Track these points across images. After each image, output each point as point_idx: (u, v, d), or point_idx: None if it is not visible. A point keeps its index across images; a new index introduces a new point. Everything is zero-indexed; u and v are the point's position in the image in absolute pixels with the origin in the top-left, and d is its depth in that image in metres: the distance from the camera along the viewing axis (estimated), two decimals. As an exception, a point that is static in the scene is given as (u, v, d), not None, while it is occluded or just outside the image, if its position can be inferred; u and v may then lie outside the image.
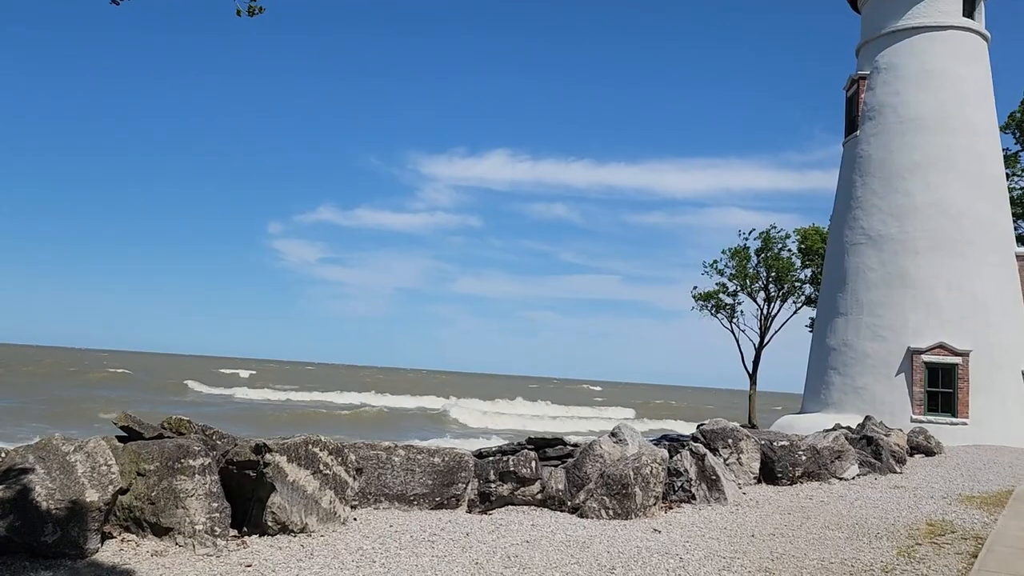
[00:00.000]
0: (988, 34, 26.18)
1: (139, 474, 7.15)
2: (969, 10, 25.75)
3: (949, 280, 24.06)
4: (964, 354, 23.44)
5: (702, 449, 11.53)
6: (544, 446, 10.74)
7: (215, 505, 7.21)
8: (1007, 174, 29.69)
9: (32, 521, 6.20)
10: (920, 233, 24.48)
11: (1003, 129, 34.84)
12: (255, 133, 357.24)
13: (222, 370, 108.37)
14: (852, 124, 27.07)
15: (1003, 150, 28.43)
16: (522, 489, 9.98)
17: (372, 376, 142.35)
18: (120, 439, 7.71)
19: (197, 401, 55.69)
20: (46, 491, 6.36)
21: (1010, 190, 29.76)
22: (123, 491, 6.92)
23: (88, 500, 6.44)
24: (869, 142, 26.02)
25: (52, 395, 49.03)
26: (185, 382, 69.24)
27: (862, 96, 26.50)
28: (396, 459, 9.48)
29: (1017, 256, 25.55)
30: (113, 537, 6.95)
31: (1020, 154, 37.20)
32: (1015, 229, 27.53)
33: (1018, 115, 36.51)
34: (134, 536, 7.03)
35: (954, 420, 23.30)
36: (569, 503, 9.97)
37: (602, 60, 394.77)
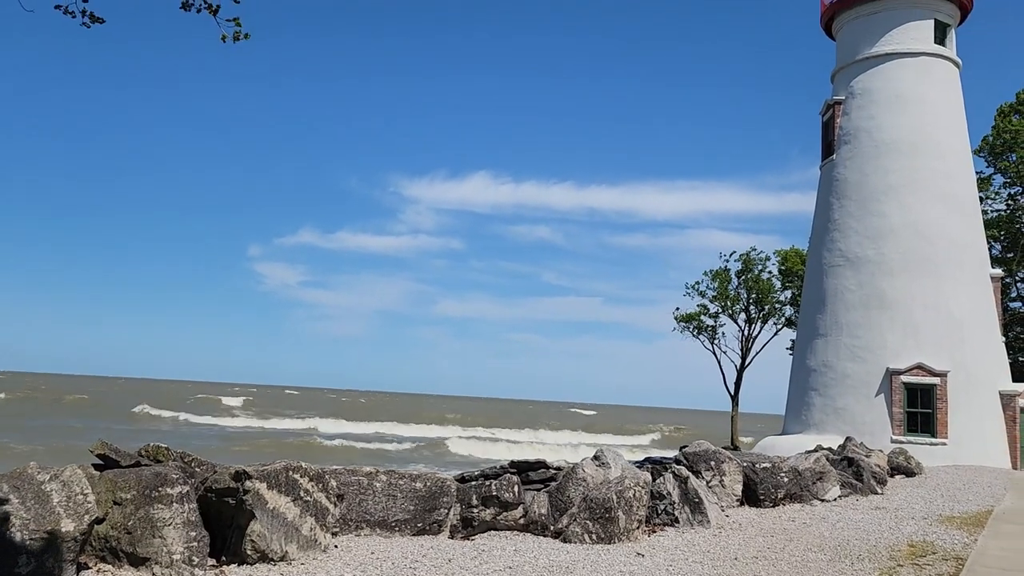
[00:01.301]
0: (959, 61, 26.74)
1: (116, 503, 7.04)
2: (940, 37, 26.32)
3: (925, 301, 24.36)
4: (942, 375, 23.68)
5: (685, 472, 11.53)
6: (527, 469, 10.69)
7: (193, 534, 7.11)
8: (980, 197, 30.21)
9: (6, 552, 6.08)
10: (896, 254, 24.81)
11: (976, 153, 35.52)
12: (235, 155, 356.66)
13: (202, 395, 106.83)
14: (828, 148, 27.48)
15: (976, 173, 28.95)
16: (505, 514, 9.92)
17: (355, 400, 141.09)
18: (96, 467, 7.59)
19: (182, 432, 54.89)
20: (20, 521, 6.24)
21: (983, 212, 30.26)
22: (99, 520, 6.80)
23: (63, 530, 6.33)
24: (845, 165, 26.40)
25: (27, 424, 48.24)
26: (159, 411, 67.99)
27: (838, 120, 26.94)
28: (377, 485, 9.40)
29: (991, 277, 25.93)
30: (89, 567, 6.83)
31: (993, 177, 37.90)
32: (989, 251, 27.95)
33: (990, 139, 37.23)
34: (110, 566, 6.90)
35: (933, 440, 23.49)
36: (552, 527, 9.92)
37: (583, 84, 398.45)
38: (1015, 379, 26.32)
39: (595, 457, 11.03)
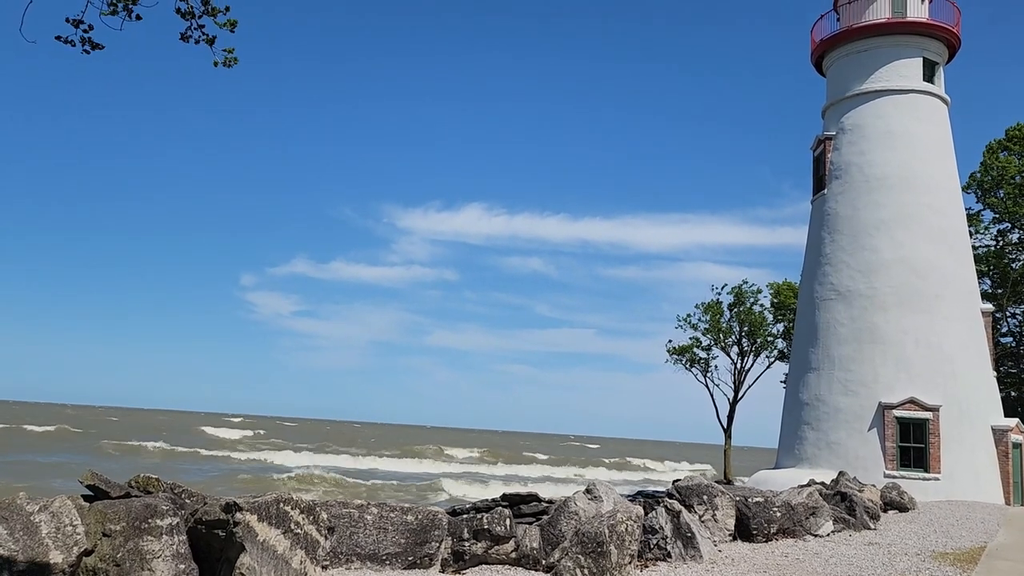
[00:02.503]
0: (948, 98, 27.17)
1: (105, 535, 6.98)
2: (929, 75, 26.77)
3: (917, 335, 24.46)
4: (934, 409, 23.71)
5: (677, 506, 11.49)
6: (519, 503, 10.64)
7: (182, 567, 7.05)
8: (969, 232, 30.53)
9: (-8, 584, 6.03)
10: (888, 289, 24.96)
11: (965, 189, 35.91)
12: (229, 184, 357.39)
13: (203, 427, 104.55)
14: (820, 182, 27.78)
15: (966, 209, 29.26)
16: (496, 547, 9.86)
17: (351, 432, 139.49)
18: (86, 498, 7.53)
19: (176, 467, 54.21)
20: (8, 553, 6.19)
21: (973, 248, 30.53)
22: (88, 552, 6.75)
23: (52, 562, 6.28)
24: (836, 200, 26.66)
25: (14, 458, 47.73)
26: (155, 443, 66.94)
27: (829, 155, 27.26)
28: (368, 517, 9.34)
29: (982, 312, 26.09)
30: (75, 600, 6.76)
31: (982, 213, 38.29)
32: (979, 286, 28.17)
33: (979, 175, 37.67)
34: (97, 599, 6.83)
35: (926, 475, 23.45)
36: (544, 562, 9.85)
37: (577, 117, 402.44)
38: (1007, 414, 26.36)
39: (587, 490, 10.99)
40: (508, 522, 9.98)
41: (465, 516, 10.06)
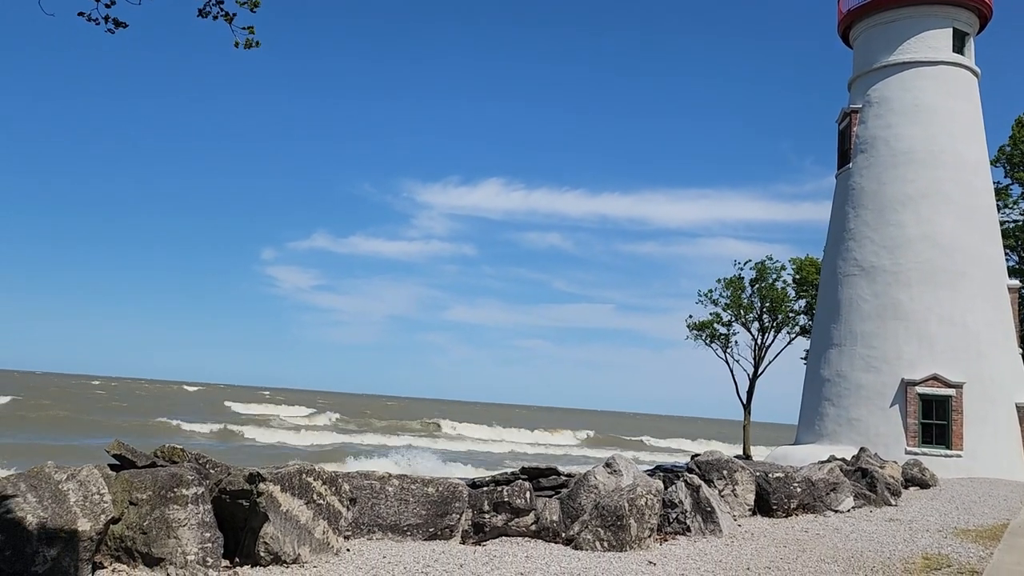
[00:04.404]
0: (978, 70, 26.58)
1: (131, 503, 7.09)
2: (959, 46, 26.19)
3: (941, 312, 24.18)
4: (958, 386, 23.49)
5: (697, 480, 11.49)
6: (538, 476, 10.70)
7: (207, 535, 7.16)
8: (997, 207, 29.97)
9: (22, 551, 6.15)
10: (913, 265, 24.65)
11: (993, 163, 35.23)
12: (250, 159, 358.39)
13: (233, 402, 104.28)
14: (844, 156, 27.37)
15: (994, 183, 28.73)
16: (516, 520, 9.92)
17: (383, 407, 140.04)
18: (113, 467, 7.66)
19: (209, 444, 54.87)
20: (38, 520, 6.31)
21: (1000, 223, 30.00)
22: (115, 520, 6.86)
23: (80, 530, 6.39)
24: (861, 174, 26.28)
25: (45, 423, 48.57)
26: (179, 419, 67.62)
27: (854, 129, 26.83)
28: (390, 489, 9.42)
29: (1009, 288, 25.72)
30: (104, 567, 6.88)
31: (1010, 187, 37.59)
32: (1007, 262, 27.73)
33: (1007, 149, 36.93)
34: (125, 566, 6.96)
35: (948, 452, 23.29)
36: (563, 534, 9.91)
37: (596, 92, 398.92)
38: (1032, 391, 26.03)
39: (607, 464, 11.02)
40: (528, 495, 10.04)
41: (485, 488, 10.13)
